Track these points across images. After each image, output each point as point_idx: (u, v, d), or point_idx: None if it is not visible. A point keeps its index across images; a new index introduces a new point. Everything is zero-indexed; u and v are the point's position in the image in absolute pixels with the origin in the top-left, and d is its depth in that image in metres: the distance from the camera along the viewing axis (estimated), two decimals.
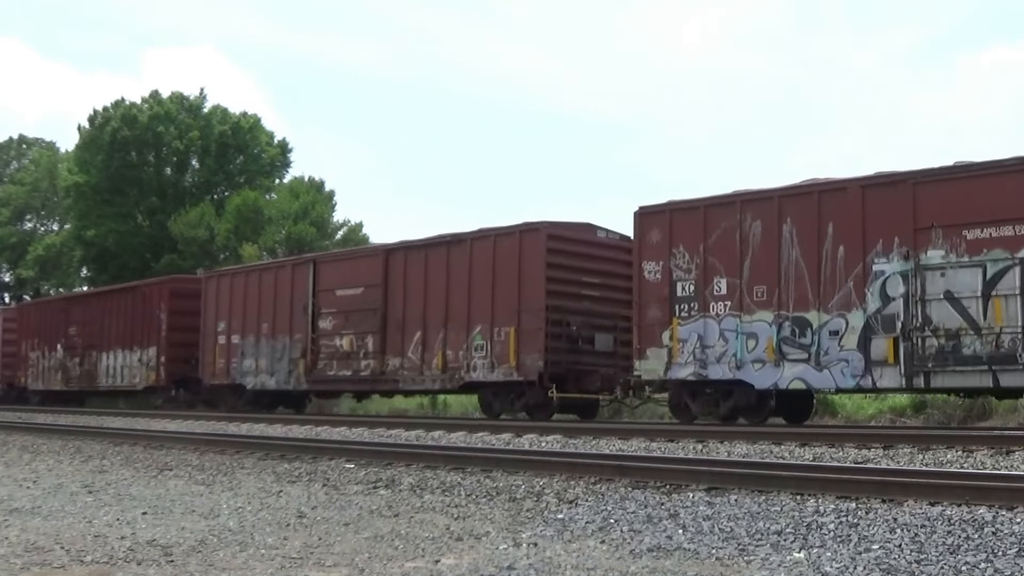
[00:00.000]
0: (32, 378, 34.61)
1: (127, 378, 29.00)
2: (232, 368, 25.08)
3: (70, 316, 32.65)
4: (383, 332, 20.99)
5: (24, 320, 36.23)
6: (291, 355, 23.14)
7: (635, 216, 16.91)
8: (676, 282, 16.22)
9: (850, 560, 5.40)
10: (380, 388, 21.77)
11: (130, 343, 28.92)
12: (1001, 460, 9.63)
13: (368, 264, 21.78)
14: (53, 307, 35.04)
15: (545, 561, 5.63)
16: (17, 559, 6.00)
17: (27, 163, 61.45)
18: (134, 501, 8.82)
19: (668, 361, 16.07)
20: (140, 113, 45.06)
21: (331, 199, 43.39)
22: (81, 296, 34.56)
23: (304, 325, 22.85)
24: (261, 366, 24.16)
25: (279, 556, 6.01)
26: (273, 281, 24.12)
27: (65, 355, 32.43)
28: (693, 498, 7.73)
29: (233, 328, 25.13)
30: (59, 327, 32.94)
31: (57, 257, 52.76)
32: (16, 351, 36.17)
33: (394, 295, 20.96)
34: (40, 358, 34.19)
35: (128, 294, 29.90)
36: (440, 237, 20.23)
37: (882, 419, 18.53)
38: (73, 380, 31.91)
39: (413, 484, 9.38)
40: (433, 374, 19.87)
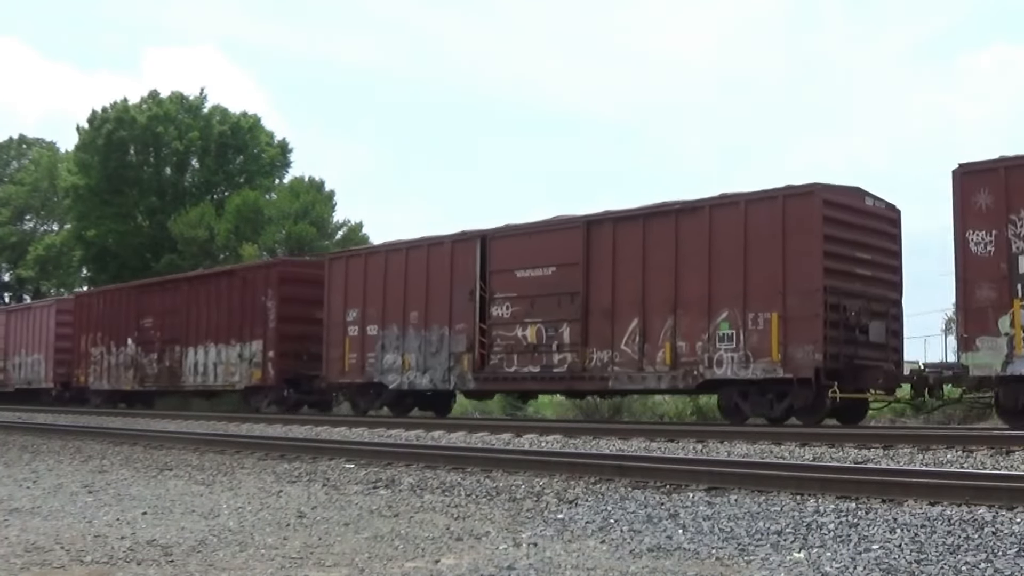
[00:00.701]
0: (95, 377, 30.83)
1: (222, 376, 25.39)
2: (368, 364, 21.21)
3: (144, 306, 28.99)
4: (584, 320, 17.55)
5: (84, 312, 32.06)
6: (452, 349, 19.54)
7: (954, 176, 14.10)
8: (1017, 255, 13.50)
9: (850, 560, 5.40)
10: (582, 387, 18.34)
11: (227, 336, 25.28)
12: (1001, 460, 9.63)
13: (562, 239, 18.17)
14: (122, 296, 30.58)
15: (545, 561, 5.63)
16: (17, 559, 6.00)
17: (27, 163, 61.45)
18: (134, 501, 8.82)
19: (1008, 353, 13.31)
20: (139, 114, 45.05)
21: (331, 199, 43.37)
22: (159, 284, 29.98)
23: (470, 313, 19.31)
24: (409, 362, 20.34)
25: (279, 556, 6.01)
26: (424, 261, 20.40)
27: (138, 351, 28.83)
28: (693, 498, 7.73)
29: (369, 318, 21.28)
30: (130, 319, 29.40)
31: (57, 257, 52.77)
32: (74, 346, 32.34)
33: (599, 275, 17.48)
34: (105, 354, 30.43)
35: (224, 280, 26.14)
36: (664, 205, 17.01)
37: (882, 419, 18.53)
38: (149, 379, 28.42)
39: (413, 484, 9.38)
40: (658, 370, 16.56)
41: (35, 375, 34.82)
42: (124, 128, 44.56)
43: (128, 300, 30.04)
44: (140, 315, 29.08)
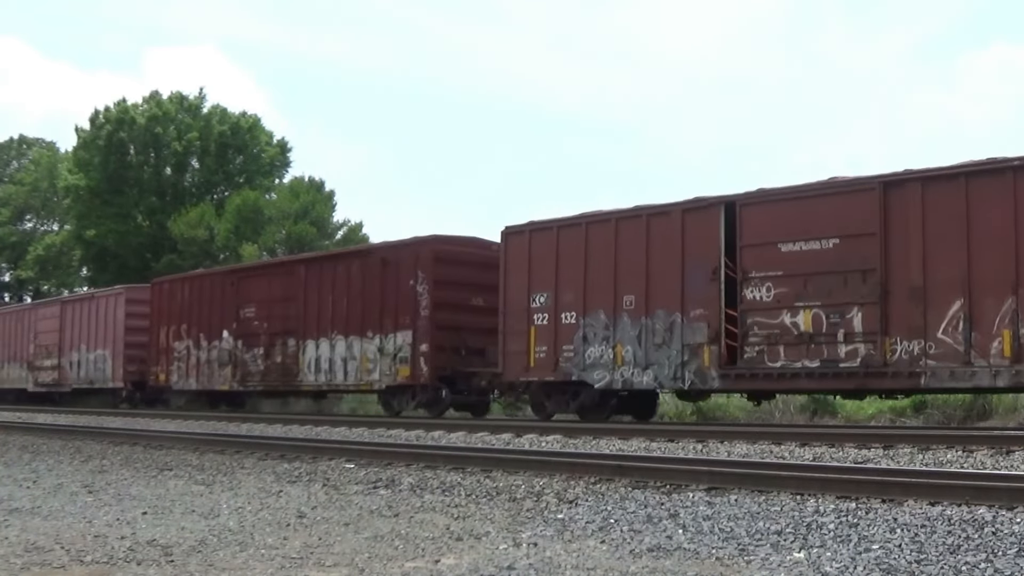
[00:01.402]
0: (178, 375, 26.90)
1: (355, 374, 21.62)
2: (564, 359, 17.64)
3: (245, 293, 24.89)
4: (883, 303, 14.39)
5: (164, 301, 27.90)
6: (686, 339, 16.08)
7: None
8: None
9: (850, 560, 5.40)
10: (881, 386, 14.80)
11: (361, 327, 21.47)
12: (1001, 460, 9.63)
13: (847, 205, 14.96)
14: (214, 283, 26.32)
15: (545, 561, 5.63)
16: (17, 559, 6.00)
17: (27, 163, 61.49)
18: (134, 501, 8.82)
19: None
20: (139, 114, 45.08)
21: (331, 199, 43.41)
22: (263, 267, 25.95)
23: (712, 296, 15.92)
24: (624, 355, 16.86)
25: (279, 556, 6.01)
26: (641, 234, 16.84)
27: (238, 345, 24.79)
28: (693, 498, 7.73)
29: (563, 303, 17.75)
30: (225, 308, 25.31)
31: (57, 257, 52.80)
32: (151, 341, 28.25)
33: (902, 247, 14.29)
34: (192, 349, 26.41)
35: (356, 261, 22.27)
36: (993, 161, 13.82)
37: (882, 419, 18.54)
38: (253, 377, 24.53)
39: (413, 484, 9.38)
40: (993, 365, 13.38)
41: (99, 373, 30.61)
42: (124, 128, 44.60)
43: (222, 287, 25.79)
44: (240, 304, 24.85)
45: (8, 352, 36.39)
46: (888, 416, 18.75)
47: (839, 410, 19.34)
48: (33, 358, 34.35)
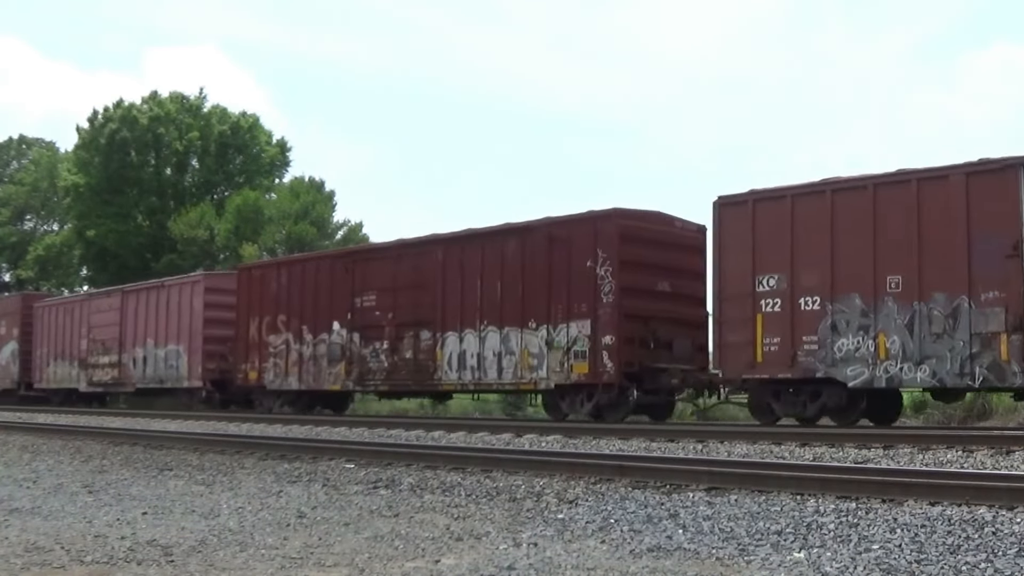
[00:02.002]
0: (275, 373, 23.17)
1: (512, 371, 18.34)
2: (804, 352, 14.92)
3: (362, 279, 21.49)
4: None
5: (254, 289, 24.18)
6: (976, 328, 13.50)
7: None
8: None
9: (850, 560, 5.40)
10: None
11: (520, 316, 18.25)
12: (1001, 460, 9.63)
13: None
14: (320, 268, 22.77)
15: (545, 561, 5.63)
16: (17, 559, 6.01)
17: (27, 163, 61.50)
18: (134, 501, 8.82)
19: None
20: (139, 114, 45.10)
21: (331, 199, 43.43)
22: (389, 248, 21.87)
23: (1011, 275, 13.35)
24: (889, 347, 14.23)
25: (279, 556, 6.01)
26: (911, 203, 14.27)
27: (354, 338, 21.43)
28: (693, 498, 7.73)
29: (803, 286, 15.06)
30: (336, 296, 21.87)
31: (57, 257, 52.79)
32: (238, 334, 24.42)
33: None
34: (292, 344, 22.80)
35: (513, 240, 18.80)
36: None
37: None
38: (375, 375, 21.02)
39: (413, 484, 9.38)
40: None
41: (171, 372, 27.06)
42: (125, 128, 44.60)
43: (331, 272, 22.25)
44: (355, 291, 21.42)
45: (56, 348, 32.61)
46: None
47: None
48: (87, 355, 30.62)
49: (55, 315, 33.14)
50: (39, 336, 33.69)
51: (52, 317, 33.24)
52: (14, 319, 35.51)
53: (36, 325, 33.86)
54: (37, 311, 34.06)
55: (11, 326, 35.65)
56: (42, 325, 33.61)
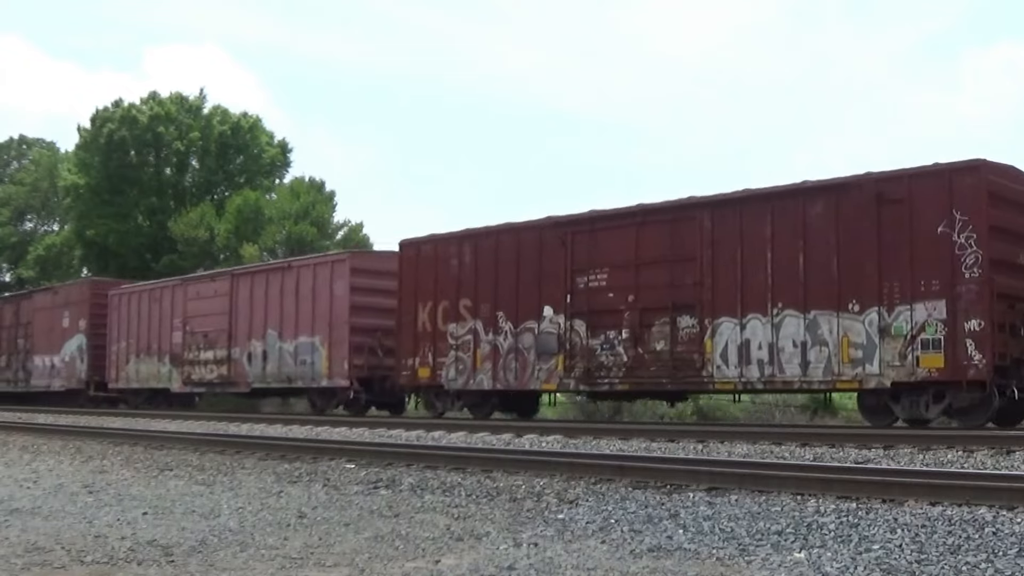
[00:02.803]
0: (458, 369, 19.06)
1: (827, 365, 14.60)
2: None
3: (588, 252, 17.43)
4: None
5: (422, 267, 19.94)
6: None
7: None
8: None
9: (850, 560, 5.40)
10: None
11: (837, 296, 14.61)
12: (1001, 460, 9.63)
13: None
14: (523, 239, 18.46)
15: (545, 561, 5.63)
16: (18, 559, 6.00)
17: (27, 163, 61.53)
18: (134, 501, 8.83)
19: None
20: (140, 114, 45.11)
21: (331, 199, 43.44)
22: (627, 215, 17.26)
23: None
24: None
25: (279, 556, 6.01)
26: None
27: (573, 326, 17.40)
28: (693, 498, 7.73)
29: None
30: (548, 274, 17.89)
31: (57, 257, 52.78)
32: (401, 323, 20.24)
33: None
34: (483, 333, 18.72)
35: (821, 199, 15.03)
36: None
37: None
38: (608, 371, 16.96)
39: (413, 484, 9.38)
40: None
41: (304, 369, 22.60)
42: (125, 128, 44.61)
43: (539, 245, 18.13)
44: (576, 268, 17.51)
45: (139, 343, 28.22)
46: None
47: (839, 410, 19.33)
48: (182, 349, 26.44)
49: (137, 304, 28.53)
50: (116, 328, 29.11)
51: (133, 306, 28.68)
52: (80, 309, 30.74)
53: (112, 316, 29.34)
54: (113, 300, 29.52)
55: (77, 317, 30.86)
56: (119, 316, 29.08)
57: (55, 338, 31.70)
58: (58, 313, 31.69)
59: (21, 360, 33.81)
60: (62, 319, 31.41)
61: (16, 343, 34.22)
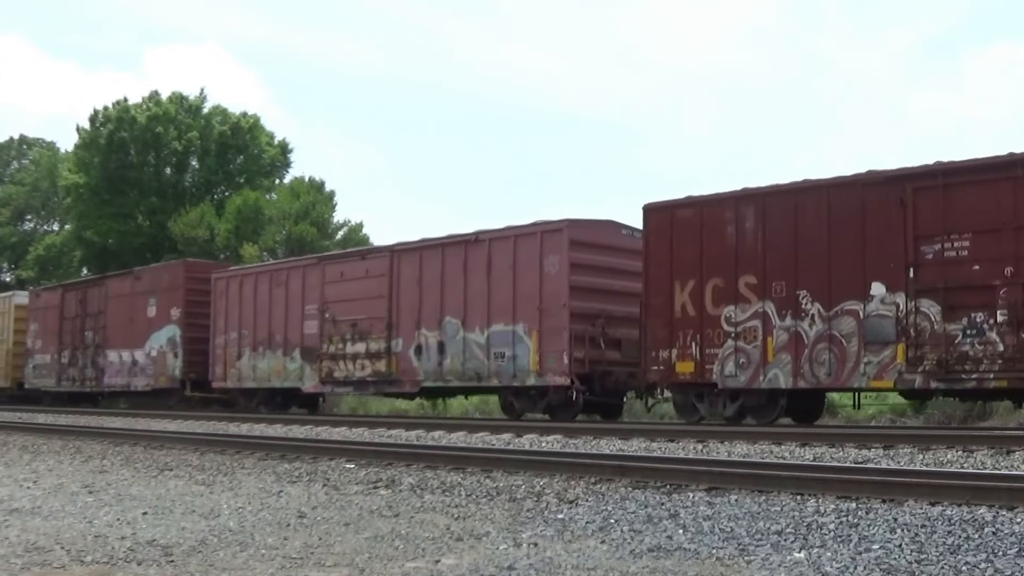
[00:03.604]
0: (737, 363, 15.68)
1: None
2: None
3: (937, 214, 14.01)
4: None
5: (681, 236, 16.44)
6: None
7: None
8: None
9: (850, 560, 5.40)
10: None
11: None
12: (1001, 460, 9.63)
13: None
14: (833, 198, 14.99)
15: (545, 561, 5.62)
16: (17, 559, 6.00)
17: (27, 163, 61.58)
18: (134, 501, 8.82)
19: None
20: (140, 114, 45.14)
21: (331, 199, 43.47)
22: (995, 165, 13.77)
23: None
24: None
25: (279, 556, 6.01)
26: None
27: (919, 307, 14.02)
28: (693, 498, 7.73)
29: None
30: (876, 242, 14.50)
31: (57, 257, 52.82)
32: (648, 305, 16.71)
33: None
34: (776, 317, 15.29)
35: None
36: None
37: (882, 419, 18.54)
38: (976, 364, 13.50)
39: (413, 484, 9.38)
40: None
41: (501, 364, 18.53)
42: (125, 128, 44.64)
43: (862, 206, 14.71)
44: (922, 234, 14.13)
45: (256, 334, 23.99)
46: (888, 416, 18.76)
47: (839, 410, 19.34)
48: (320, 341, 22.20)
49: (252, 289, 24.22)
50: (223, 318, 24.97)
51: (247, 291, 24.34)
52: (173, 296, 26.51)
53: (217, 303, 25.16)
54: (218, 284, 25.27)
55: (167, 305, 26.61)
56: (227, 303, 24.87)
57: (137, 330, 27.41)
58: (141, 301, 27.44)
59: (90, 356, 29.65)
60: (147, 308, 27.16)
61: (83, 336, 30.03)
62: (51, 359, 31.65)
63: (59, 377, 31.14)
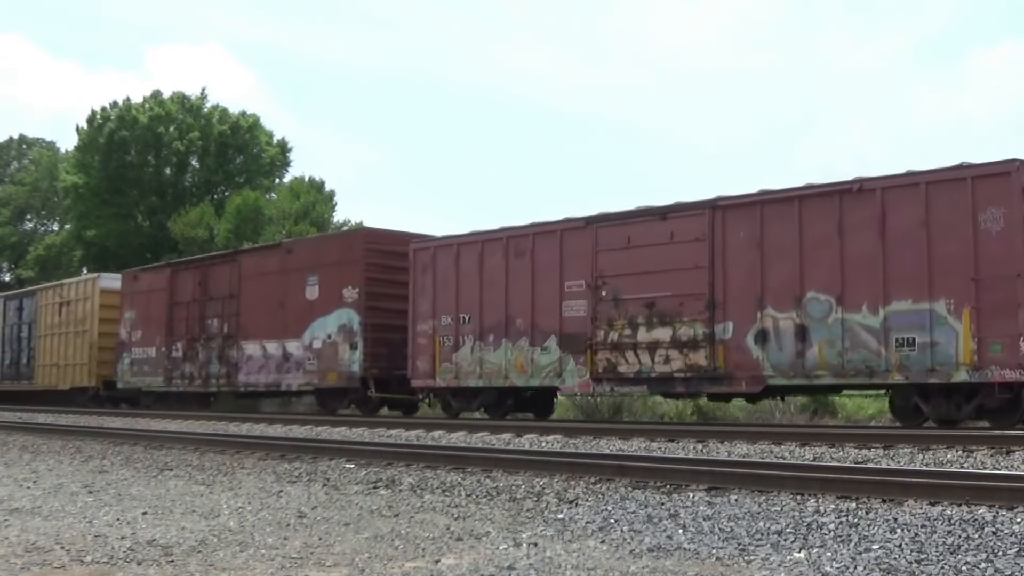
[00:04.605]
0: None
1: None
2: None
3: None
4: None
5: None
6: None
7: None
8: None
9: (850, 560, 5.40)
10: None
11: None
12: (1001, 460, 9.63)
13: None
14: None
15: (545, 561, 5.63)
16: (17, 559, 6.00)
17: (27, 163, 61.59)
18: (134, 501, 8.82)
19: None
20: (140, 113, 45.14)
21: (331, 199, 43.48)
22: None
23: None
24: None
25: (279, 556, 6.01)
26: None
27: None
28: (693, 498, 7.73)
29: None
30: None
31: (57, 257, 52.84)
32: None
33: None
34: None
35: None
36: None
37: (882, 419, 18.52)
38: None
39: (413, 484, 9.38)
40: None
41: (911, 355, 13.68)
42: (125, 128, 44.65)
43: None
44: None
45: (483, 318, 18.62)
46: (888, 416, 18.73)
47: (839, 410, 19.33)
48: (590, 326, 17.10)
49: (476, 261, 18.80)
50: (429, 299, 19.36)
51: (467, 265, 18.94)
52: (347, 273, 20.88)
53: (420, 281, 19.53)
54: (421, 257, 19.62)
55: (337, 284, 21.06)
56: (436, 279, 19.31)
57: (291, 316, 22.09)
58: (295, 280, 22.17)
59: (215, 349, 24.36)
60: (303, 288, 21.90)
61: (204, 325, 24.86)
62: (156, 353, 26.37)
63: (169, 374, 25.87)
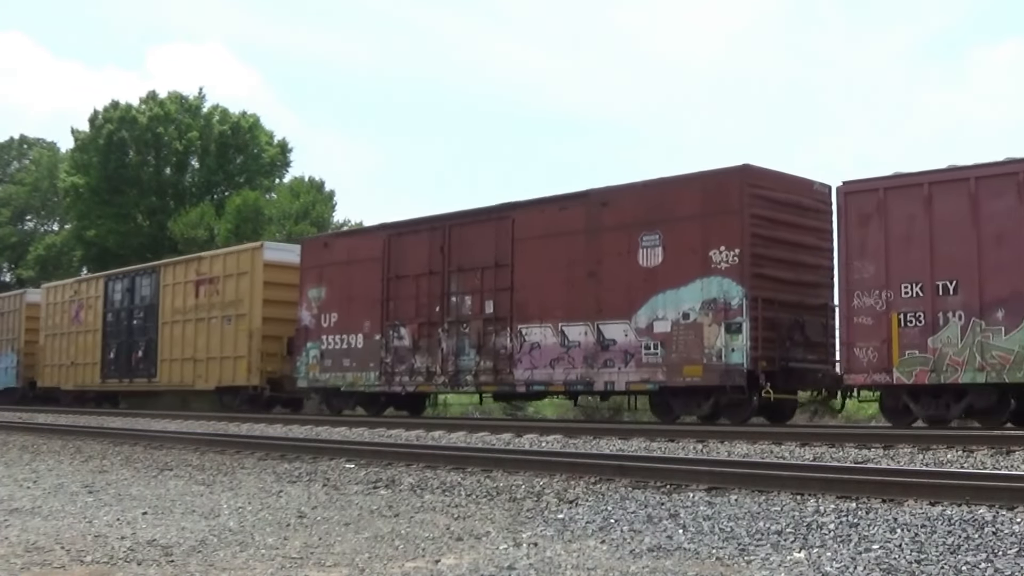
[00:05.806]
0: None
1: None
2: None
3: None
4: None
5: None
6: None
7: None
8: None
9: (850, 560, 5.40)
10: None
11: None
12: (1001, 460, 9.62)
13: None
14: None
15: (545, 561, 5.62)
16: (17, 559, 6.00)
17: (27, 163, 61.59)
18: (134, 501, 8.82)
19: None
20: (139, 114, 45.14)
21: (331, 199, 43.48)
22: None
23: None
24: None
25: (279, 556, 6.01)
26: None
27: None
28: (693, 498, 7.73)
29: None
30: None
31: (57, 257, 52.83)
32: None
33: None
34: None
35: None
36: None
37: (882, 419, 18.50)
38: None
39: (413, 484, 9.38)
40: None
41: None
42: (124, 128, 44.64)
43: None
44: None
45: (1001, 282, 12.85)
46: None
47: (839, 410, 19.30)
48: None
49: (962, 204, 13.22)
50: (881, 263, 13.86)
51: (955, 209, 13.27)
52: (715, 226, 15.41)
53: (856, 236, 14.16)
54: (864, 203, 14.10)
55: (699, 243, 15.49)
56: (888, 234, 13.77)
57: (614, 289, 16.36)
58: (617, 240, 16.45)
59: (473, 335, 18.43)
60: (635, 250, 16.15)
61: (446, 303, 18.98)
62: (365, 342, 20.43)
63: (384, 369, 20.01)
